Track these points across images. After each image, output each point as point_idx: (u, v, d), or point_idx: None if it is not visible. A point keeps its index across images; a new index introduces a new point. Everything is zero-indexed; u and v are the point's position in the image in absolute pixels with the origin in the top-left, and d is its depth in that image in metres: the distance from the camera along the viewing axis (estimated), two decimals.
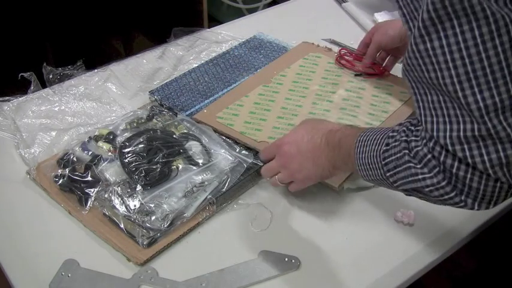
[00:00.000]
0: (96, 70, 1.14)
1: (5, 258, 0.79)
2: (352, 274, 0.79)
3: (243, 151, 0.93)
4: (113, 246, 0.80)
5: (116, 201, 0.83)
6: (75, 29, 2.14)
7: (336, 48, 1.21)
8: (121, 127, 0.96)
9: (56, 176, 0.88)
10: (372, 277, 0.79)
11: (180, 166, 0.88)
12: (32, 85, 1.06)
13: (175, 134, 0.95)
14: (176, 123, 0.97)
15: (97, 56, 2.26)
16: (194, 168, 0.89)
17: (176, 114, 1.00)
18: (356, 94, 1.07)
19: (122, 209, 0.82)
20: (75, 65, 1.12)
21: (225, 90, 1.09)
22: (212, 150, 0.92)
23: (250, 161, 0.90)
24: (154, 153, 0.88)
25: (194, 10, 2.37)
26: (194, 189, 0.85)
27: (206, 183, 0.87)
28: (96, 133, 0.95)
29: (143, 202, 0.82)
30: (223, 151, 0.92)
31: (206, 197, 0.85)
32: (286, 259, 0.80)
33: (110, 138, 0.93)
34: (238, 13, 2.64)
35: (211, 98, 1.07)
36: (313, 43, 1.23)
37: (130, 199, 0.83)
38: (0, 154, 0.96)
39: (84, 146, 0.92)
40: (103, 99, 1.08)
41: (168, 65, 1.18)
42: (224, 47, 1.23)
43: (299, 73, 1.13)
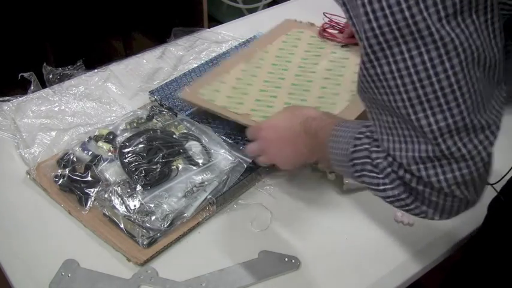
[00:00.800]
0: (96, 70, 1.14)
1: (5, 258, 0.79)
2: (352, 274, 0.79)
3: (243, 151, 0.92)
4: (113, 246, 0.80)
5: (116, 201, 0.83)
6: (75, 29, 2.14)
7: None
8: (121, 127, 0.96)
9: (56, 176, 0.88)
10: (372, 277, 0.79)
11: (180, 166, 0.88)
12: (32, 85, 1.06)
13: (175, 134, 0.95)
14: (176, 123, 0.97)
15: (97, 56, 2.26)
16: (194, 168, 0.89)
17: (176, 114, 1.00)
18: (340, 64, 1.08)
19: (122, 209, 0.82)
20: (75, 65, 1.12)
21: None
22: (212, 150, 0.92)
23: (250, 161, 0.90)
24: (154, 153, 0.88)
25: (194, 10, 2.37)
26: (194, 189, 0.85)
27: (206, 183, 0.87)
28: (96, 133, 0.95)
29: (143, 202, 0.82)
30: (223, 151, 0.92)
31: (206, 197, 0.85)
32: (286, 259, 0.80)
33: (110, 138, 0.93)
34: (238, 13, 2.64)
35: None
36: (295, 20, 1.24)
37: (130, 199, 0.83)
38: (0, 154, 0.96)
39: (84, 146, 0.92)
40: (103, 99, 1.08)
41: (168, 65, 1.18)
42: (224, 47, 1.23)
43: (282, 48, 1.15)
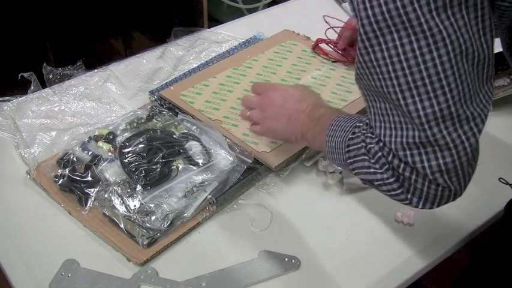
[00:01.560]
0: (96, 70, 1.14)
1: (5, 258, 0.79)
2: (352, 274, 0.79)
3: (244, 151, 0.92)
4: (113, 246, 0.80)
5: (116, 201, 0.83)
6: (75, 29, 2.14)
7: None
8: (121, 127, 0.96)
9: (56, 176, 0.88)
10: (372, 277, 0.79)
11: (180, 166, 0.88)
12: (32, 85, 1.06)
13: (175, 134, 0.95)
14: (176, 123, 0.97)
15: (97, 56, 2.27)
16: (194, 168, 0.89)
17: (176, 114, 1.00)
18: (320, 82, 1.10)
19: (122, 209, 0.82)
20: (75, 65, 1.12)
21: None
22: (212, 150, 0.92)
23: (250, 161, 0.90)
24: (154, 153, 0.88)
25: (194, 10, 2.37)
26: (194, 189, 0.85)
27: (206, 183, 0.87)
28: (96, 133, 0.95)
29: (143, 202, 0.82)
30: (223, 151, 0.92)
31: (206, 197, 0.85)
32: (286, 259, 0.80)
33: (110, 138, 0.93)
34: (238, 13, 2.64)
35: None
36: (293, 31, 1.25)
37: (130, 199, 0.83)
38: (0, 154, 0.96)
39: (84, 146, 0.92)
40: (103, 99, 1.08)
41: (168, 65, 1.18)
42: (224, 47, 1.23)
43: (271, 59, 1.17)
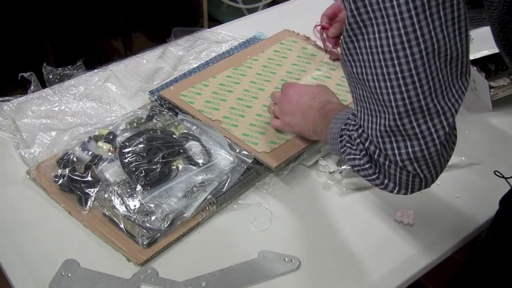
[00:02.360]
0: (96, 70, 1.14)
1: (5, 258, 0.79)
2: (352, 274, 0.79)
3: (243, 151, 0.93)
4: (113, 246, 0.80)
5: (116, 201, 0.83)
6: (75, 29, 2.14)
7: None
8: (121, 127, 0.96)
9: (56, 176, 0.88)
10: (372, 277, 0.79)
11: (180, 166, 0.88)
12: (32, 85, 1.06)
13: (175, 134, 0.95)
14: (176, 123, 0.97)
15: (97, 56, 2.27)
16: (194, 168, 0.89)
17: (176, 114, 1.00)
18: (320, 82, 1.09)
19: (122, 209, 0.82)
20: (75, 65, 1.12)
21: None
22: (212, 150, 0.92)
23: (250, 161, 0.90)
24: (154, 153, 0.88)
25: (194, 10, 2.37)
26: (194, 189, 0.85)
27: (206, 183, 0.87)
28: (96, 133, 0.95)
29: (143, 202, 0.82)
30: (223, 151, 0.92)
31: (206, 197, 0.85)
32: (286, 259, 0.80)
33: (110, 138, 0.93)
34: (238, 13, 2.64)
35: None
36: (293, 31, 1.25)
37: (130, 199, 0.83)
38: (0, 154, 0.96)
39: (84, 146, 0.92)
40: (103, 99, 1.08)
41: (168, 65, 1.18)
42: (224, 47, 1.23)
43: (271, 58, 1.16)
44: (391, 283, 0.79)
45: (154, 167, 0.86)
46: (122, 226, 0.81)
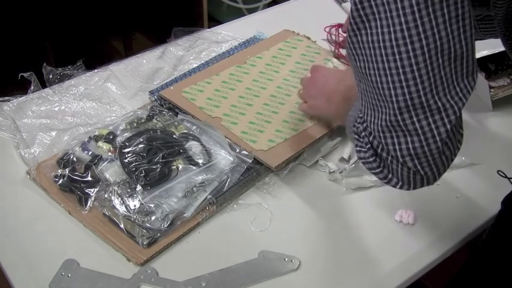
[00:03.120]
0: (96, 70, 1.14)
1: (5, 258, 0.79)
2: (352, 274, 0.79)
3: (243, 151, 0.93)
4: (113, 246, 0.80)
5: (116, 201, 0.83)
6: (75, 29, 2.14)
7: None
8: (121, 127, 0.96)
9: (56, 176, 0.88)
10: (372, 277, 0.79)
11: (180, 166, 0.88)
12: (32, 85, 1.06)
13: (175, 134, 0.95)
14: (176, 123, 0.97)
15: (97, 56, 2.26)
16: (194, 168, 0.88)
17: (176, 114, 1.00)
18: None
19: (122, 209, 0.82)
20: (75, 65, 1.12)
21: None
22: (212, 150, 0.92)
23: (250, 161, 0.90)
24: (154, 153, 0.88)
25: (194, 10, 2.37)
26: (194, 189, 0.85)
27: (206, 183, 0.87)
28: (96, 133, 0.95)
29: (143, 202, 0.82)
30: (223, 151, 0.92)
31: (206, 197, 0.85)
32: (286, 259, 0.80)
33: (110, 138, 0.93)
34: (238, 13, 2.64)
35: None
36: (293, 31, 1.25)
37: (130, 199, 0.83)
38: (0, 154, 0.96)
39: (84, 146, 0.92)
40: (103, 99, 1.08)
41: (168, 65, 1.18)
42: (224, 47, 1.23)
43: (275, 56, 1.17)
44: (391, 283, 0.79)
45: (154, 167, 0.86)
46: (122, 226, 0.81)
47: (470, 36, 0.58)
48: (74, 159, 0.90)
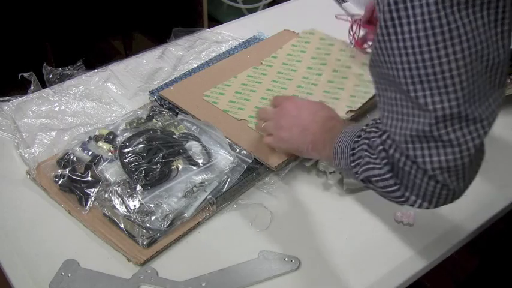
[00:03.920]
0: (96, 70, 1.14)
1: (5, 258, 0.79)
2: (352, 274, 0.79)
3: (243, 151, 0.93)
4: (113, 246, 0.80)
5: (116, 201, 0.83)
6: (75, 29, 2.14)
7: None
8: (121, 127, 0.96)
9: (56, 176, 0.88)
10: (372, 277, 0.79)
11: (180, 166, 0.88)
12: (32, 85, 1.06)
13: (175, 134, 0.95)
14: (176, 123, 0.97)
15: (97, 56, 2.27)
16: (194, 168, 0.88)
17: (176, 114, 1.00)
18: (342, 74, 1.08)
19: (122, 209, 0.82)
20: (75, 65, 1.12)
21: None
22: (212, 150, 0.92)
23: (250, 161, 0.90)
24: (154, 153, 0.88)
25: (194, 10, 2.37)
26: (194, 189, 0.85)
27: (206, 183, 0.87)
28: (96, 133, 0.95)
29: (143, 202, 0.82)
30: (223, 151, 0.92)
31: (206, 197, 0.85)
32: (286, 259, 0.80)
33: (110, 138, 0.93)
34: (238, 13, 2.65)
35: None
36: (293, 31, 1.25)
37: (130, 199, 0.83)
38: (0, 154, 0.96)
39: (84, 146, 0.92)
40: (103, 99, 1.08)
41: (168, 65, 1.18)
42: (224, 47, 1.23)
43: (290, 54, 1.16)
44: (391, 283, 0.79)
45: (154, 167, 0.86)
46: (122, 226, 0.81)
47: (507, 44, 0.55)
48: (74, 159, 0.90)
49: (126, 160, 0.87)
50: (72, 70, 1.11)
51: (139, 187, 0.83)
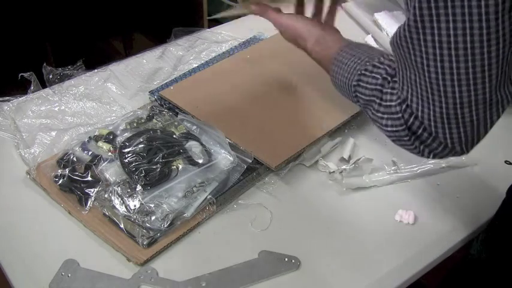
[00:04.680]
0: (96, 70, 1.14)
1: (5, 258, 0.79)
2: (352, 274, 0.79)
3: (243, 151, 0.92)
4: (113, 246, 0.80)
5: (116, 201, 0.83)
6: (75, 29, 2.14)
7: None
8: (121, 127, 0.96)
9: (56, 176, 0.88)
10: (372, 277, 0.79)
11: (180, 166, 0.88)
12: (32, 85, 1.06)
13: (175, 134, 0.95)
14: (176, 123, 0.97)
15: (97, 56, 2.27)
16: (194, 168, 0.88)
17: (176, 114, 1.00)
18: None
19: (122, 209, 0.82)
20: (75, 65, 1.12)
21: None
22: (212, 150, 0.92)
23: (250, 161, 0.90)
24: (154, 153, 0.88)
25: (194, 10, 2.37)
26: (194, 189, 0.85)
27: (206, 183, 0.87)
28: (96, 133, 0.95)
29: (143, 202, 0.82)
30: (223, 151, 0.92)
31: (206, 197, 0.85)
32: (286, 259, 0.80)
33: (110, 138, 0.93)
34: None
35: None
36: None
37: (130, 199, 0.83)
38: (0, 154, 0.96)
39: (84, 146, 0.92)
40: (103, 99, 1.08)
41: (168, 65, 1.18)
42: (224, 47, 1.23)
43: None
44: (391, 283, 0.79)
45: (154, 167, 0.86)
46: (122, 226, 0.81)
47: None
48: (74, 159, 0.90)
49: (126, 160, 0.87)
50: (72, 70, 1.11)
51: (139, 187, 0.83)
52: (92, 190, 0.85)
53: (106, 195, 0.84)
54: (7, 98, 1.05)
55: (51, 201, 0.87)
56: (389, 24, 1.29)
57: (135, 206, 0.82)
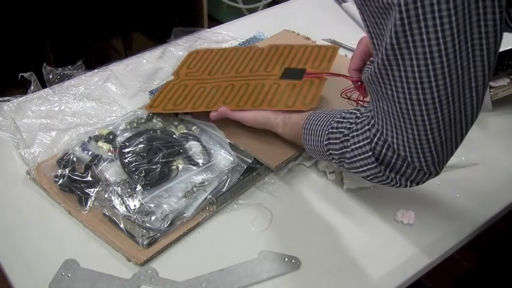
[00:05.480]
0: (96, 70, 1.14)
1: (5, 258, 0.79)
2: (352, 274, 0.79)
3: (243, 151, 0.93)
4: (113, 246, 0.80)
5: (116, 201, 0.83)
6: (75, 29, 2.14)
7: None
8: (121, 127, 0.96)
9: (56, 176, 0.88)
10: (372, 277, 0.79)
11: (180, 166, 0.88)
12: (32, 85, 1.06)
13: (175, 134, 0.95)
14: (176, 123, 0.97)
15: (97, 56, 2.27)
16: (194, 168, 0.88)
17: (176, 114, 1.00)
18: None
19: (122, 209, 0.82)
20: (75, 65, 1.12)
21: None
22: (212, 150, 0.92)
23: (250, 161, 0.90)
24: (154, 153, 0.88)
25: (194, 10, 2.37)
26: (194, 189, 0.85)
27: (206, 183, 0.87)
28: (96, 133, 0.95)
29: (143, 202, 0.82)
30: (223, 151, 0.92)
31: (206, 197, 0.85)
32: (286, 259, 0.80)
33: (110, 138, 0.93)
34: (238, 13, 2.64)
35: None
36: (293, 31, 1.25)
37: (130, 199, 0.83)
38: (0, 154, 0.96)
39: (84, 146, 0.92)
40: (103, 99, 1.08)
41: (168, 65, 1.18)
42: (224, 47, 1.23)
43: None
44: (391, 283, 0.79)
45: (154, 167, 0.86)
46: (122, 226, 0.81)
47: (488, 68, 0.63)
48: (74, 159, 0.90)
49: (126, 160, 0.87)
50: (72, 70, 1.11)
51: (139, 187, 0.84)
52: (92, 190, 0.85)
53: (106, 195, 0.84)
54: (7, 98, 1.05)
55: (51, 201, 0.87)
56: None
57: (135, 206, 0.82)
